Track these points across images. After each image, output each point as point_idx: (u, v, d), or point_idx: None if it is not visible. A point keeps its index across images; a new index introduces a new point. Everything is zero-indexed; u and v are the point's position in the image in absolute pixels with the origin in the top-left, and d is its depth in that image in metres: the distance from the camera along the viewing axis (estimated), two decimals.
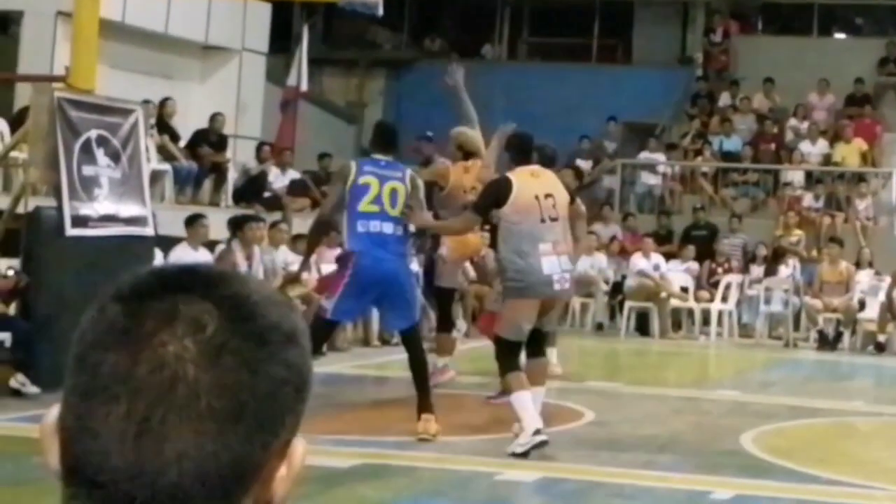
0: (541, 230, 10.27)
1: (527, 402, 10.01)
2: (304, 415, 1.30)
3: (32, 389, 11.46)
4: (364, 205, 10.40)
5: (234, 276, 1.33)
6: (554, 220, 10.30)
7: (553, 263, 10.22)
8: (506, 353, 10.26)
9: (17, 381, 11.58)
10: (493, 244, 21.85)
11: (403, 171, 10.79)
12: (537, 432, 9.80)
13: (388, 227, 10.44)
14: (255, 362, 1.27)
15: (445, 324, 14.05)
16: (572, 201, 10.77)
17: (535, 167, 10.62)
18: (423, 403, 10.50)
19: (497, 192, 10.45)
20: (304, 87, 22.35)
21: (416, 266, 12.45)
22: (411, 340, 10.80)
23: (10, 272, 12.11)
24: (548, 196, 10.34)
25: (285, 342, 1.30)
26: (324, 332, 10.82)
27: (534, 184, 10.39)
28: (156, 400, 1.24)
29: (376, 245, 10.38)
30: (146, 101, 16.08)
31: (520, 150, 10.72)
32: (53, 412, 1.31)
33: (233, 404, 1.25)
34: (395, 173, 10.65)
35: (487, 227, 23.56)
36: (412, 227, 10.79)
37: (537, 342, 10.55)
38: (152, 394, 1.24)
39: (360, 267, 10.37)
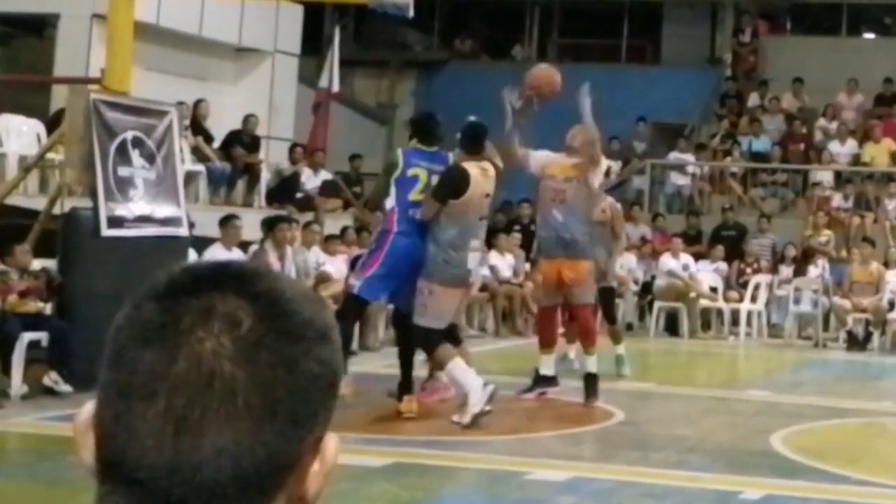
0: (475, 227, 10.79)
1: (464, 368, 10.66)
2: (337, 414, 1.33)
3: (65, 388, 11.57)
4: (414, 194, 10.93)
5: (268, 272, 1.34)
6: (484, 218, 10.89)
7: (475, 260, 10.76)
8: (429, 337, 10.77)
9: (51, 378, 11.70)
10: (524, 245, 22.08)
11: (447, 160, 11.21)
12: (485, 385, 10.50)
13: None
14: (290, 359, 1.28)
15: None
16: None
17: (485, 163, 10.95)
18: (408, 384, 11.30)
19: (457, 183, 10.79)
20: (336, 88, 22.46)
21: None
22: (409, 323, 11.22)
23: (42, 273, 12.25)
24: (487, 196, 10.79)
25: (319, 338, 1.31)
26: (353, 311, 11.33)
27: (483, 182, 10.80)
28: (194, 396, 1.25)
29: (418, 232, 10.91)
30: (180, 103, 16.19)
31: (475, 140, 11.10)
32: (87, 409, 1.32)
33: (268, 400, 1.26)
34: (440, 165, 11.09)
35: (518, 227, 23.74)
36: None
37: (453, 334, 11.24)
38: (190, 390, 1.25)
39: (395, 247, 10.89)
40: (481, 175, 10.85)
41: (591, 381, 12.47)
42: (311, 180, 20.53)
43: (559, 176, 12.32)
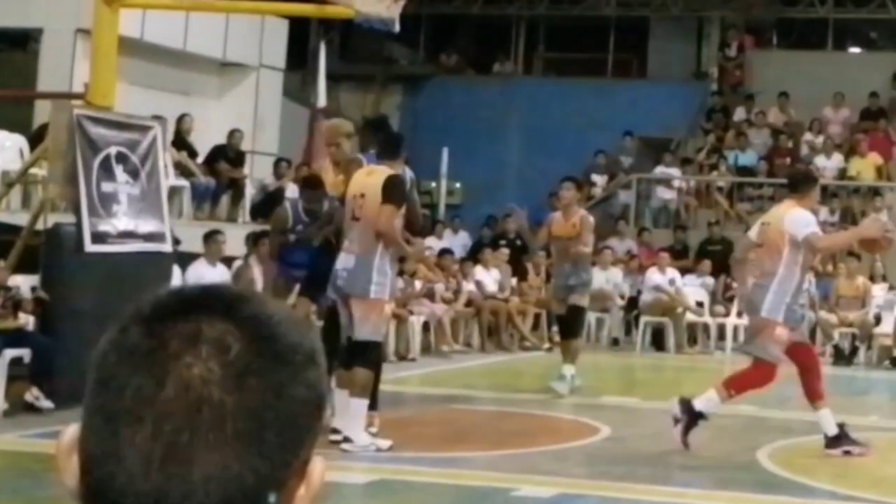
0: (348, 227, 10.56)
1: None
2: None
3: (46, 404, 11.49)
4: None
5: (254, 296, 1.33)
6: (356, 219, 10.44)
7: (341, 260, 10.49)
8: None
9: (32, 394, 11.63)
10: (511, 261, 22.01)
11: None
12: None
13: None
14: (278, 384, 1.27)
15: None
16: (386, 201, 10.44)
17: (380, 167, 10.64)
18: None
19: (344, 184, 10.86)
20: (322, 103, 22.41)
21: None
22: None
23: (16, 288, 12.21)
24: (361, 196, 10.43)
25: (306, 362, 1.30)
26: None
27: (361, 182, 10.55)
28: (182, 423, 1.24)
29: None
30: (156, 117, 16.07)
31: (386, 146, 10.96)
32: (70, 432, 1.30)
33: (257, 426, 1.25)
34: None
35: (503, 241, 23.69)
36: None
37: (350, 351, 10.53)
38: (178, 417, 1.24)
39: None
40: (364, 175, 10.59)
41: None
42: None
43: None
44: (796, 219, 11.13)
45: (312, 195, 12.32)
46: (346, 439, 10.24)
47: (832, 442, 11.11)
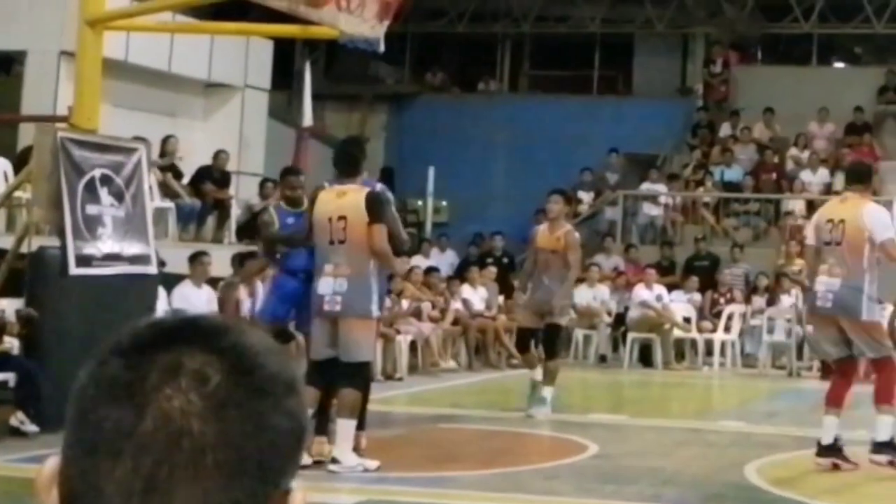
0: (327, 252, 10.30)
1: None
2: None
3: (31, 428, 11.44)
4: None
5: (234, 326, 1.33)
6: (341, 242, 10.22)
7: (328, 284, 10.24)
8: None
9: (17, 419, 11.58)
10: (498, 279, 21.96)
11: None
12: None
13: None
14: (258, 414, 1.27)
15: None
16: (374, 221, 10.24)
17: (348, 186, 10.42)
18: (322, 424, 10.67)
19: (309, 210, 10.63)
20: (308, 122, 22.40)
21: None
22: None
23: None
24: (341, 218, 10.22)
25: (286, 392, 1.30)
26: None
27: (334, 204, 10.30)
28: (162, 455, 1.24)
29: None
30: (138, 138, 16.00)
31: (345, 164, 10.69)
32: (50, 464, 1.30)
33: (238, 457, 1.25)
34: None
35: (490, 259, 23.66)
36: None
37: (339, 372, 10.35)
38: (158, 449, 1.24)
39: None
40: (335, 196, 10.35)
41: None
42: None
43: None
44: (877, 218, 11.02)
45: (295, 181, 12.15)
46: (334, 460, 10.21)
47: (824, 451, 11.08)
